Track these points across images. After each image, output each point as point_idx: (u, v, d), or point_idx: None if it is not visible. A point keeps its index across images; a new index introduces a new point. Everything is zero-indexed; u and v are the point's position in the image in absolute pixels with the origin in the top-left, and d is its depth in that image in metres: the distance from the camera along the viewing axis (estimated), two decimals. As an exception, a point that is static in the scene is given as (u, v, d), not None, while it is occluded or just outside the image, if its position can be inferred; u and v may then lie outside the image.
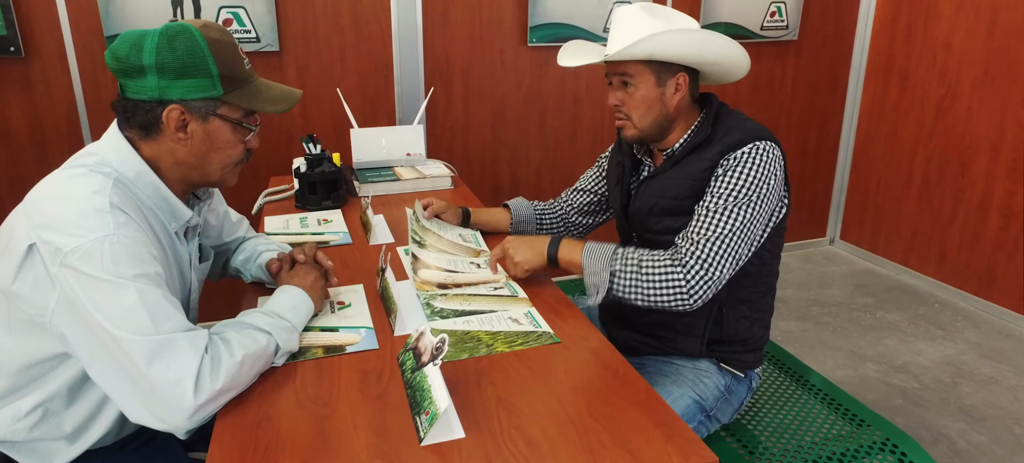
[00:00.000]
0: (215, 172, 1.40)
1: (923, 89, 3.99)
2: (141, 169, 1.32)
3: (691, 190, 1.73)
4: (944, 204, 3.97)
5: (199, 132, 1.33)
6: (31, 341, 1.29)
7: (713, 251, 1.60)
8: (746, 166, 1.64)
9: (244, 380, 1.27)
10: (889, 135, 4.27)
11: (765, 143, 1.67)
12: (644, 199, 1.86)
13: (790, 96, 4.34)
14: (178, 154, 1.34)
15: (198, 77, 1.28)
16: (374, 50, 3.36)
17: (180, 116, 1.29)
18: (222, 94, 1.32)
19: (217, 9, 2.99)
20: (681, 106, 1.77)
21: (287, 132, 3.30)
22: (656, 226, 1.82)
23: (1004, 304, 3.71)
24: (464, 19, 3.47)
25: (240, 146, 1.40)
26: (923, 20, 3.94)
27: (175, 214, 1.39)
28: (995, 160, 3.65)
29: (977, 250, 3.82)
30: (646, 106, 1.75)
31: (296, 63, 3.23)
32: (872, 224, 4.51)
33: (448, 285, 1.77)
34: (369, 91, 3.40)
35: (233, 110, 1.35)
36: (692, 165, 1.74)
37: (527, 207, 2.25)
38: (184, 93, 1.28)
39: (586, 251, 1.70)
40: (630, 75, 1.74)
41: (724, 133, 1.72)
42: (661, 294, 1.61)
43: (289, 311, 1.43)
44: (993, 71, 3.59)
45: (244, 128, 1.38)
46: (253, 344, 1.29)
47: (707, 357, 1.84)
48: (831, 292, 4.08)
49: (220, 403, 1.23)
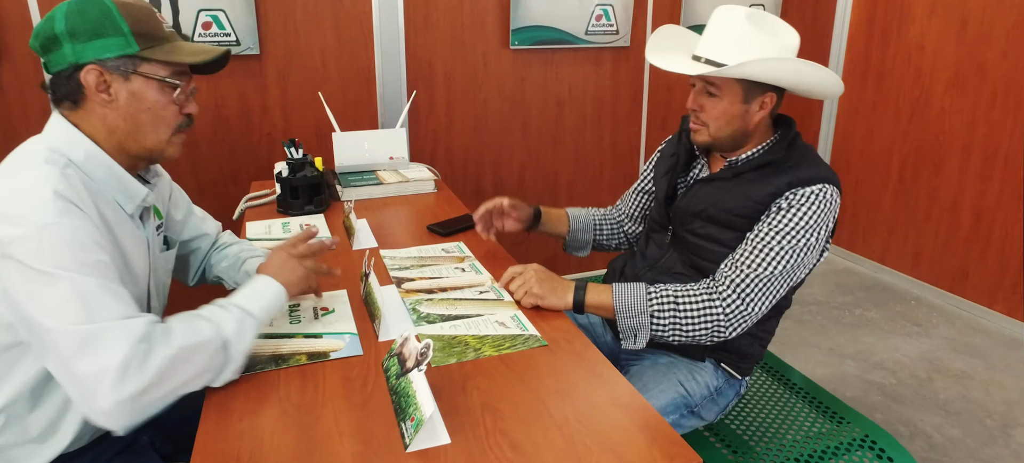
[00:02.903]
0: (151, 138, 1.37)
1: (898, 90, 4.04)
2: (90, 150, 1.32)
3: (748, 210, 1.70)
4: (919, 203, 4.02)
5: (123, 93, 1.31)
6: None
7: (754, 288, 1.61)
8: (810, 208, 1.62)
9: (183, 376, 1.22)
10: (866, 135, 4.32)
11: (832, 189, 1.65)
12: (694, 200, 1.82)
13: (769, 97, 4.35)
14: (109, 120, 1.32)
15: (110, 36, 1.27)
16: (356, 53, 3.35)
17: (98, 77, 1.28)
18: (138, 51, 1.30)
19: (196, 12, 2.97)
20: (761, 123, 1.73)
21: (268, 136, 3.29)
22: (700, 230, 1.80)
23: (976, 300, 3.77)
24: (446, 22, 3.47)
25: (173, 107, 1.38)
26: (897, 22, 3.99)
27: (130, 193, 1.38)
28: (967, 160, 3.70)
29: (950, 248, 3.88)
30: (726, 119, 1.70)
31: (277, 67, 3.22)
32: (850, 223, 4.56)
33: (434, 290, 1.78)
34: (351, 95, 3.39)
35: (155, 67, 1.33)
36: (756, 186, 1.69)
37: (585, 215, 2.24)
38: (98, 53, 1.27)
39: (617, 295, 1.67)
40: (717, 86, 1.69)
41: (797, 164, 1.68)
42: (698, 330, 1.63)
43: (248, 298, 1.39)
44: (964, 73, 3.65)
45: (170, 85, 1.35)
46: (194, 335, 1.24)
47: (707, 356, 1.85)
48: (811, 291, 4.12)
49: (153, 400, 1.19)
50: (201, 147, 3.20)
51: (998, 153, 3.53)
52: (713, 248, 1.76)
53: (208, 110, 3.15)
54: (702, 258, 1.79)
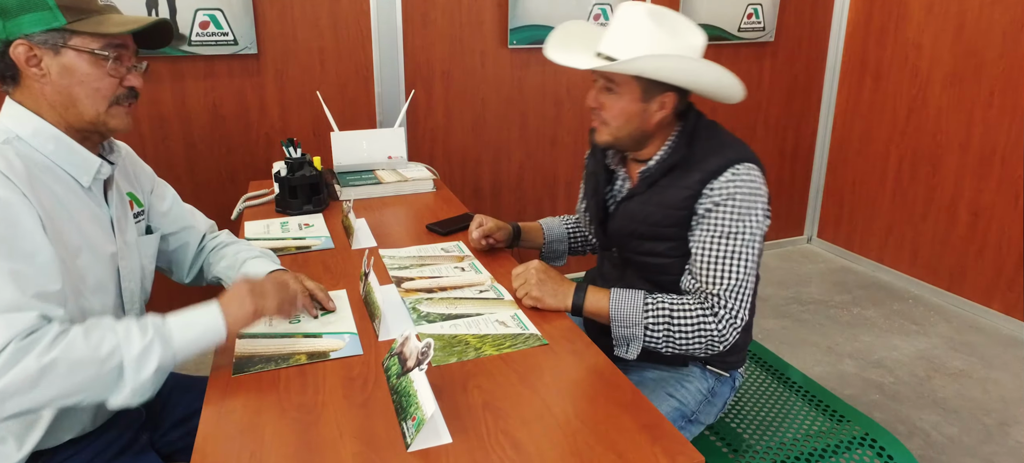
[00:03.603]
0: (88, 110, 1.35)
1: (895, 89, 4.04)
2: (37, 124, 1.32)
3: (671, 218, 1.68)
4: (916, 202, 4.03)
5: (55, 67, 1.31)
6: None
7: (739, 299, 1.60)
8: (736, 196, 1.59)
9: (53, 389, 1.14)
10: (864, 134, 4.32)
11: (745, 166, 1.61)
12: (623, 221, 1.80)
13: (767, 97, 4.38)
14: (46, 94, 1.32)
15: (36, 11, 1.27)
16: (354, 53, 3.35)
17: (28, 52, 1.29)
18: (65, 24, 1.29)
19: (193, 11, 2.97)
20: (662, 123, 1.70)
21: (266, 136, 3.29)
22: (639, 249, 1.78)
23: (974, 298, 3.78)
24: (444, 21, 3.47)
25: (109, 79, 1.36)
26: (895, 21, 3.99)
27: (84, 164, 1.38)
28: (964, 159, 3.71)
29: (948, 246, 3.88)
30: (625, 117, 1.67)
31: (275, 66, 3.22)
32: (848, 222, 4.56)
33: (433, 289, 1.78)
34: (349, 94, 3.39)
35: (85, 40, 1.32)
36: (670, 192, 1.67)
37: (559, 225, 2.24)
38: (25, 28, 1.27)
39: (614, 302, 1.65)
40: (615, 83, 1.66)
41: (702, 156, 1.65)
42: (693, 343, 1.62)
43: (178, 326, 1.31)
44: (961, 71, 3.65)
45: (102, 57, 1.34)
46: (85, 349, 1.17)
47: (691, 362, 1.83)
48: (809, 290, 4.12)
49: (16, 404, 1.12)
50: (198, 147, 3.20)
51: (995, 152, 3.54)
52: (659, 262, 1.75)
53: (206, 110, 3.14)
54: (656, 274, 1.77)
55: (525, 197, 3.93)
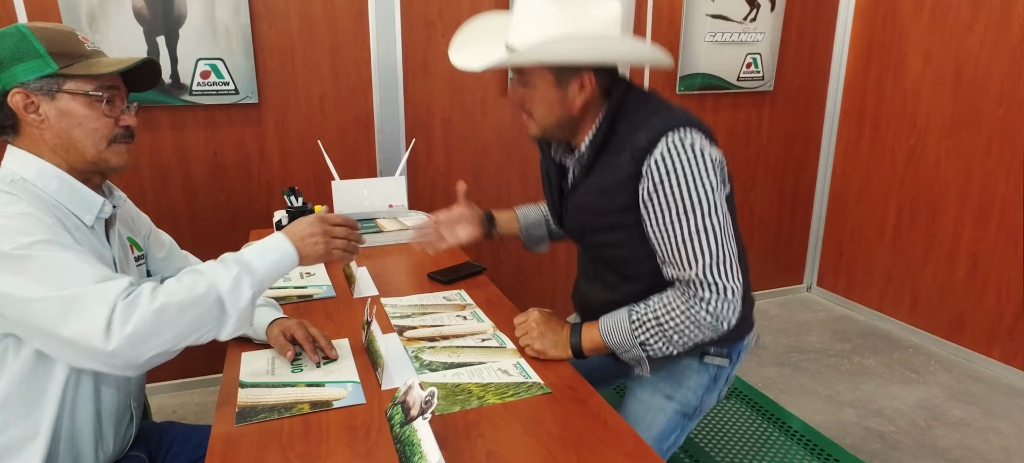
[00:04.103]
0: (88, 150, 1.39)
1: (894, 138, 4.07)
2: (41, 165, 1.36)
3: (613, 205, 1.57)
4: (916, 250, 4.04)
5: (52, 112, 1.35)
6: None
7: (722, 272, 1.48)
8: (677, 172, 1.45)
9: (175, 329, 1.24)
10: (863, 183, 4.35)
11: (679, 134, 1.46)
12: (573, 214, 1.72)
13: (766, 145, 4.41)
14: (47, 139, 1.36)
15: (28, 60, 1.31)
16: (355, 101, 3.38)
17: (24, 99, 1.32)
18: (58, 69, 1.33)
19: (194, 61, 3.00)
20: (587, 103, 1.58)
21: (266, 184, 3.30)
22: (596, 242, 1.70)
23: (974, 347, 3.76)
24: (444, 68, 3.50)
25: (105, 119, 1.40)
26: (893, 71, 4.03)
27: (86, 203, 1.42)
28: (963, 207, 3.72)
29: (948, 295, 3.88)
30: (546, 107, 1.58)
31: (275, 115, 3.24)
32: (847, 271, 4.57)
33: (436, 338, 1.78)
34: (350, 142, 3.41)
35: (78, 83, 1.36)
36: (605, 176, 1.57)
37: (535, 210, 2.14)
38: (19, 77, 1.31)
39: (605, 333, 1.62)
40: (527, 75, 1.57)
41: (630, 132, 1.52)
42: (696, 336, 1.54)
43: (254, 255, 1.40)
44: (959, 121, 3.68)
45: (96, 98, 1.38)
46: (185, 292, 1.26)
47: (688, 354, 1.74)
48: (809, 338, 4.12)
49: (148, 348, 1.22)
50: (199, 196, 3.21)
51: (994, 201, 3.56)
52: (620, 252, 1.65)
53: (206, 159, 3.16)
54: (623, 266, 1.68)
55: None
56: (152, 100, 2.98)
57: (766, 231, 4.61)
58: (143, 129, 3.01)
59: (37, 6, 2.77)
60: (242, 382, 1.54)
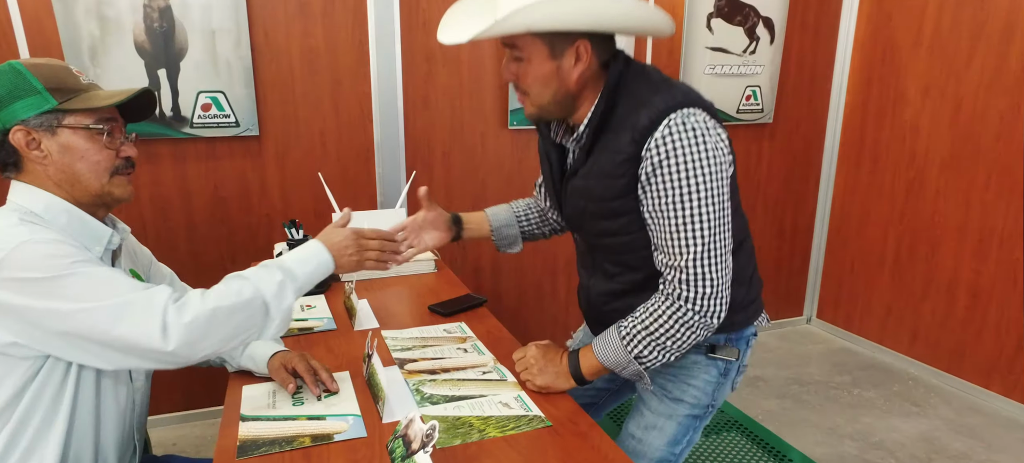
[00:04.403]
0: (92, 183, 1.41)
1: (893, 170, 4.09)
2: (49, 200, 1.38)
3: (612, 190, 1.50)
4: (915, 283, 4.04)
5: (54, 147, 1.36)
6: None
7: (709, 264, 1.43)
8: (678, 155, 1.39)
9: (225, 331, 1.32)
10: (862, 215, 4.36)
11: (681, 114, 1.40)
12: (573, 201, 1.64)
13: (766, 177, 4.43)
14: (51, 174, 1.38)
15: (26, 97, 1.33)
16: (355, 134, 3.39)
17: (26, 136, 1.34)
18: (56, 105, 1.34)
19: (195, 94, 3.01)
20: (585, 77, 1.50)
21: (267, 216, 3.31)
22: (595, 230, 1.62)
23: (974, 380, 3.75)
24: (445, 102, 3.52)
25: (106, 152, 1.41)
26: (892, 103, 4.06)
27: (94, 235, 1.43)
28: (962, 240, 3.73)
29: (947, 327, 3.88)
30: (541, 82, 1.49)
31: (276, 147, 3.26)
32: (847, 303, 4.57)
33: (437, 371, 1.77)
34: (350, 174, 3.43)
35: (78, 117, 1.37)
36: (604, 159, 1.50)
37: (506, 211, 2.05)
38: (19, 114, 1.33)
39: (599, 354, 1.59)
40: (519, 48, 1.48)
41: (630, 111, 1.45)
42: (688, 338, 1.49)
43: (295, 262, 1.48)
44: (958, 154, 3.70)
45: (96, 132, 1.39)
46: (232, 297, 1.33)
47: (694, 351, 1.70)
48: (809, 370, 4.11)
49: (201, 348, 1.29)
50: (200, 229, 3.22)
51: (993, 234, 3.57)
52: (621, 241, 1.58)
53: (207, 191, 3.17)
54: (622, 254, 1.62)
55: (525, 275, 3.94)
56: (153, 133, 3.00)
57: (766, 262, 4.61)
58: (144, 162, 3.03)
59: (39, 41, 2.79)
60: (243, 415, 1.54)
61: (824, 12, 4.25)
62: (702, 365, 1.70)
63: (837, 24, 4.31)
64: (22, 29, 2.75)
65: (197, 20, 2.96)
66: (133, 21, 2.86)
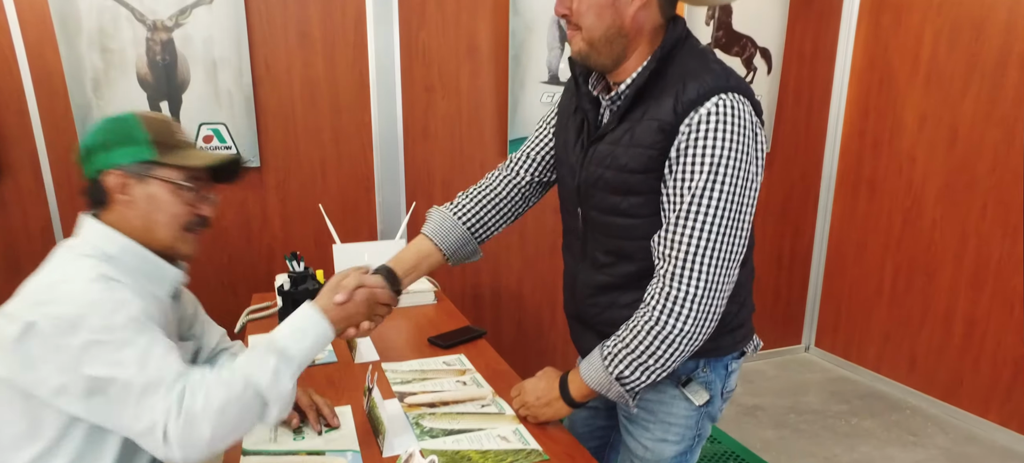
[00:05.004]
0: (165, 233, 1.45)
1: (890, 200, 4.12)
2: (123, 243, 1.41)
3: (641, 162, 1.41)
4: (912, 312, 4.06)
5: (141, 194, 1.41)
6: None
7: (702, 267, 1.37)
8: (717, 138, 1.32)
9: (226, 426, 1.28)
10: (860, 244, 4.38)
11: (731, 98, 1.34)
12: (592, 167, 1.52)
13: (764, 205, 4.45)
14: (130, 218, 1.42)
15: (130, 146, 1.39)
16: (356, 164, 3.42)
17: (119, 180, 1.39)
18: (154, 156, 1.40)
19: (197, 125, 3.04)
20: (642, 21, 1.43)
21: (268, 247, 3.33)
22: (602, 204, 1.53)
23: (971, 410, 3.77)
24: (445, 132, 3.55)
25: (185, 208, 1.46)
26: (889, 133, 4.09)
27: (164, 276, 1.48)
28: (958, 270, 3.76)
29: (944, 357, 3.89)
30: (596, 11, 1.41)
31: (277, 179, 3.28)
32: (845, 331, 4.58)
33: (436, 404, 1.79)
34: (350, 204, 3.45)
35: (169, 172, 1.42)
36: (641, 128, 1.41)
37: (450, 225, 1.82)
38: (119, 160, 1.39)
39: (586, 376, 1.55)
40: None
41: (677, 79, 1.38)
42: (667, 357, 1.42)
43: (291, 340, 1.40)
44: (954, 184, 3.73)
45: (182, 188, 1.44)
46: (225, 391, 1.29)
47: (668, 386, 1.62)
48: (807, 399, 4.11)
49: (199, 450, 1.26)
50: (200, 258, 3.20)
51: (989, 264, 3.59)
52: (625, 222, 1.50)
53: (209, 220, 3.19)
54: (619, 237, 1.53)
55: (525, 306, 3.95)
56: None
57: (765, 290, 4.63)
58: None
59: (42, 73, 2.82)
60: (244, 449, 1.55)
61: (821, 42, 4.30)
62: (679, 399, 1.62)
63: (834, 54, 4.35)
64: (26, 61, 2.79)
65: (199, 52, 2.99)
66: (136, 54, 2.89)
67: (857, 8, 4.23)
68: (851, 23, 4.27)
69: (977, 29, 3.54)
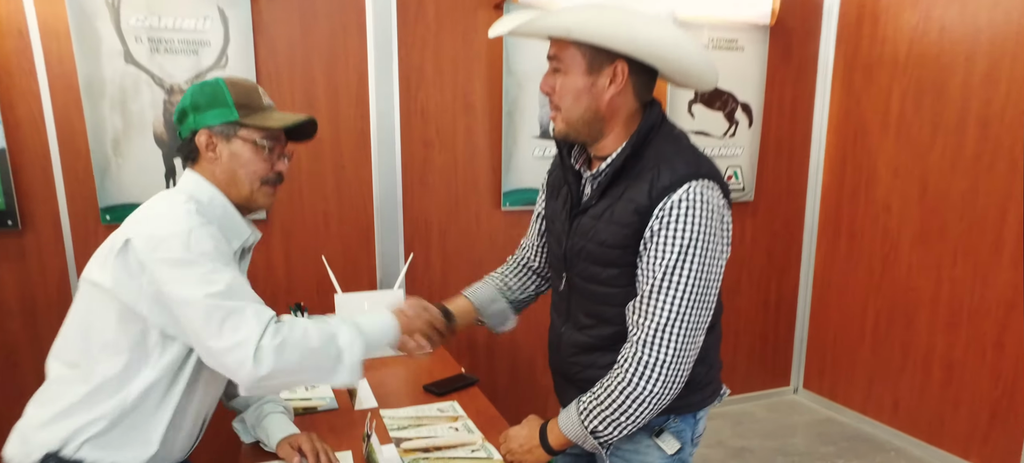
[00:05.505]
0: (246, 187, 1.65)
1: (869, 246, 4.27)
2: (212, 193, 1.62)
3: (619, 239, 1.53)
4: (894, 355, 4.18)
5: (225, 152, 1.62)
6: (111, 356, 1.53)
7: (669, 339, 1.49)
8: (686, 224, 1.45)
9: (303, 372, 1.52)
10: (842, 289, 4.52)
11: (701, 184, 1.46)
12: (576, 238, 1.65)
13: (750, 252, 4.60)
14: (215, 173, 1.63)
15: (218, 107, 1.60)
16: (357, 216, 3.56)
17: (208, 139, 1.60)
18: (238, 118, 1.60)
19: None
20: (618, 105, 1.54)
21: (272, 295, 3.43)
22: (584, 272, 1.64)
23: (952, 451, 3.87)
24: (441, 182, 3.69)
25: (264, 164, 1.66)
26: (865, 183, 4.25)
27: (238, 231, 1.68)
28: (935, 314, 3.89)
29: (925, 399, 4.01)
30: (574, 95, 1.52)
31: (282, 229, 3.43)
32: (831, 374, 4.70)
33: (430, 449, 1.92)
34: (351, 254, 3.59)
35: (250, 132, 1.62)
36: (620, 205, 1.53)
37: (487, 288, 2.06)
38: (208, 120, 1.60)
39: (564, 427, 1.66)
40: (559, 58, 1.53)
41: (652, 164, 1.50)
42: (638, 415, 1.53)
43: (364, 320, 1.68)
44: (927, 232, 3.88)
45: (262, 147, 1.63)
46: (317, 335, 1.52)
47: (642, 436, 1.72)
48: (795, 441, 4.22)
49: (278, 382, 1.50)
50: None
51: (962, 309, 3.72)
52: (604, 290, 1.62)
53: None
54: (599, 303, 1.65)
55: (519, 355, 4.08)
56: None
57: (752, 334, 4.76)
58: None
59: (67, 132, 2.97)
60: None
61: (799, 97, 4.48)
62: (653, 448, 1.72)
63: (811, 108, 4.53)
64: (53, 123, 2.94)
65: (210, 113, 3.14)
66: (154, 115, 3.05)
67: (831, 65, 4.41)
68: (827, 79, 4.45)
69: (939, 89, 3.73)
